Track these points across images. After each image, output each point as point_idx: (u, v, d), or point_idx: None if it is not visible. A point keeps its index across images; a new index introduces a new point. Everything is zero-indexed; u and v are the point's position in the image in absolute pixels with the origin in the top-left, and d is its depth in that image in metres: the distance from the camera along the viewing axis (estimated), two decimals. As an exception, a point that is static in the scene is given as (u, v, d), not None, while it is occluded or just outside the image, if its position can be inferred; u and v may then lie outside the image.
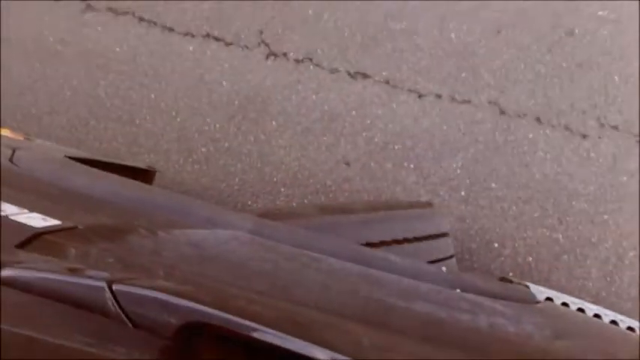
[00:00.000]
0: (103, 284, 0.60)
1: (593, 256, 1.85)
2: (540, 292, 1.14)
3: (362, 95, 2.02)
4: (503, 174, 1.91)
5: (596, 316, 1.13)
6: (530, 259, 1.88)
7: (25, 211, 0.80)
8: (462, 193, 1.93)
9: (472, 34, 2.00)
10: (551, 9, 1.97)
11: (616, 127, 1.88)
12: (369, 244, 1.14)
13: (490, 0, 2.01)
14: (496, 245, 1.89)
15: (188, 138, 2.09)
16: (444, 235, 1.39)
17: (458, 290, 0.94)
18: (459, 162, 1.95)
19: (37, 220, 0.77)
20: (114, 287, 0.60)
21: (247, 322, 0.59)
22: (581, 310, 1.14)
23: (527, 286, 1.15)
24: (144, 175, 1.73)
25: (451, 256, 1.36)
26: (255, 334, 0.59)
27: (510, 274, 1.85)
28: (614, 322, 1.12)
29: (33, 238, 0.71)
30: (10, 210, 0.78)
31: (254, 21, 2.11)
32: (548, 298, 1.14)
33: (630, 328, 1.11)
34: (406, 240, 1.25)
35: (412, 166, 1.97)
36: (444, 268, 1.03)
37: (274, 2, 2.11)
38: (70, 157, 1.17)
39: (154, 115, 2.12)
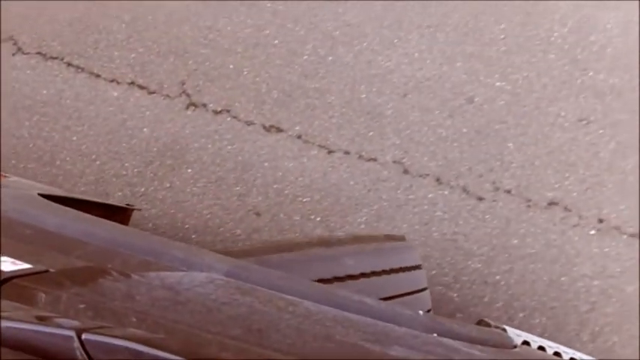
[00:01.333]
0: (72, 333, 0.59)
1: (485, 315, 1.90)
2: (517, 335, 1.13)
3: (275, 148, 2.10)
4: (404, 231, 1.98)
5: None
6: (427, 315, 1.93)
7: None
8: (365, 248, 1.99)
9: (381, 96, 2.10)
10: (454, 77, 2.09)
11: (509, 192, 1.97)
12: (348, 276, 1.15)
13: (399, 66, 2.13)
14: (395, 300, 1.95)
15: (105, 181, 2.14)
16: (416, 267, 1.39)
17: (434, 335, 0.93)
18: (363, 217, 2.02)
19: (6, 264, 0.76)
20: (83, 337, 0.59)
21: None
22: (557, 354, 1.14)
23: (505, 330, 1.15)
24: (121, 213, 1.72)
25: (424, 289, 1.36)
26: None
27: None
28: None
29: (2, 283, 0.70)
30: None
31: (177, 72, 2.20)
32: (525, 342, 1.14)
33: None
34: (378, 272, 1.24)
35: (319, 219, 2.03)
36: (420, 312, 1.00)
37: (197, 55, 2.21)
38: (44, 195, 1.15)
39: (74, 158, 2.17)
